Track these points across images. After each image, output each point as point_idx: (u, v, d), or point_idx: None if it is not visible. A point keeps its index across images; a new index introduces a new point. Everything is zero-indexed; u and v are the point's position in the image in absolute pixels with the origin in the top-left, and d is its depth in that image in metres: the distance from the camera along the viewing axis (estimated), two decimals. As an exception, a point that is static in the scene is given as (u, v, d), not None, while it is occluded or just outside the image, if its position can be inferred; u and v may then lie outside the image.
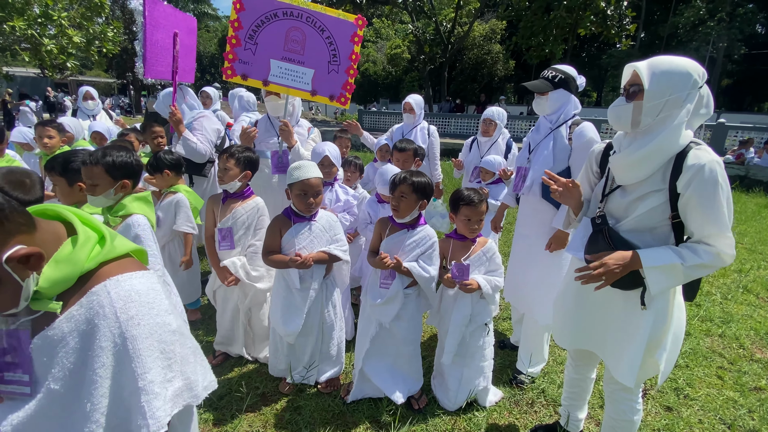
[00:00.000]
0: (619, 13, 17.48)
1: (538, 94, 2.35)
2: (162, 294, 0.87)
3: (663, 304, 1.54)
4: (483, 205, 2.12)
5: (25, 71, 20.18)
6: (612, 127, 1.65)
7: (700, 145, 1.46)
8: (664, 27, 27.71)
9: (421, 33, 21.45)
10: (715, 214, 1.43)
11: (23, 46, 11.44)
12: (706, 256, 1.44)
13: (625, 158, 1.54)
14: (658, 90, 1.42)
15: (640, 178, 1.54)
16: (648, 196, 1.52)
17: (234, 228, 2.37)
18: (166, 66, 3.15)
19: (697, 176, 1.40)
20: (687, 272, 1.45)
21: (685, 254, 1.44)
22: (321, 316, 2.30)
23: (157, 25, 2.96)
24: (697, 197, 1.42)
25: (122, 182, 1.81)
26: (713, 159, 1.41)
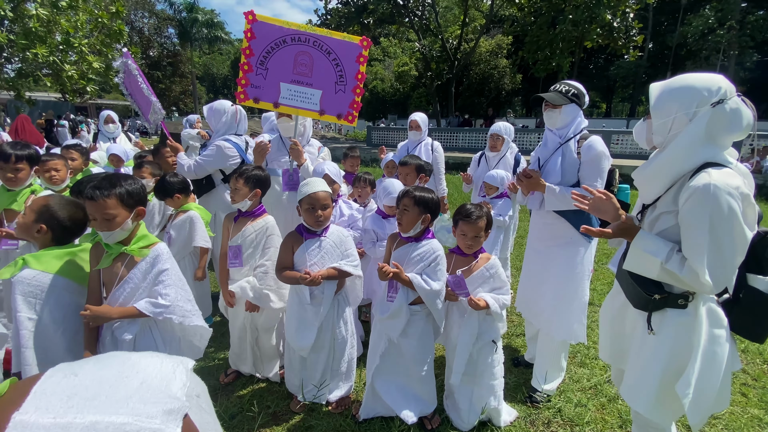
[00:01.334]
0: (625, 24, 17.52)
1: (550, 108, 2.36)
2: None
3: (684, 332, 1.45)
4: (481, 221, 2.09)
5: (47, 96, 20.98)
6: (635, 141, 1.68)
7: (720, 168, 1.35)
8: (672, 37, 27.65)
9: (428, 50, 21.81)
10: (693, 239, 1.35)
11: (45, 72, 11.94)
12: (686, 272, 1.38)
13: (639, 174, 1.57)
14: (662, 108, 1.43)
15: (652, 194, 1.53)
16: (662, 216, 1.50)
17: (243, 246, 2.40)
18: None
19: (692, 196, 1.34)
20: (661, 272, 1.42)
21: (673, 258, 1.40)
22: (332, 332, 2.29)
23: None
24: (685, 216, 1.37)
25: (137, 210, 1.71)
26: (716, 182, 1.30)
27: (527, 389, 2.56)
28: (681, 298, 1.47)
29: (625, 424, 2.29)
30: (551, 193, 2.31)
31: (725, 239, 1.32)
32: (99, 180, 1.63)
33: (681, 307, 1.47)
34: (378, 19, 19.78)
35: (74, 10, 11.21)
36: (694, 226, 1.35)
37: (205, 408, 0.66)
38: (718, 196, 1.29)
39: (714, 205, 1.30)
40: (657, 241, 1.45)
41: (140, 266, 1.73)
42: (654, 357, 1.49)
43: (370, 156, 14.97)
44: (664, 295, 1.48)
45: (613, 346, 1.79)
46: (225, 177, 3.29)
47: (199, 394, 0.66)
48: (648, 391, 1.49)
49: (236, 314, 2.53)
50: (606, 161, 2.28)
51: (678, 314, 1.48)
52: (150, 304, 1.72)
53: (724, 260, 1.34)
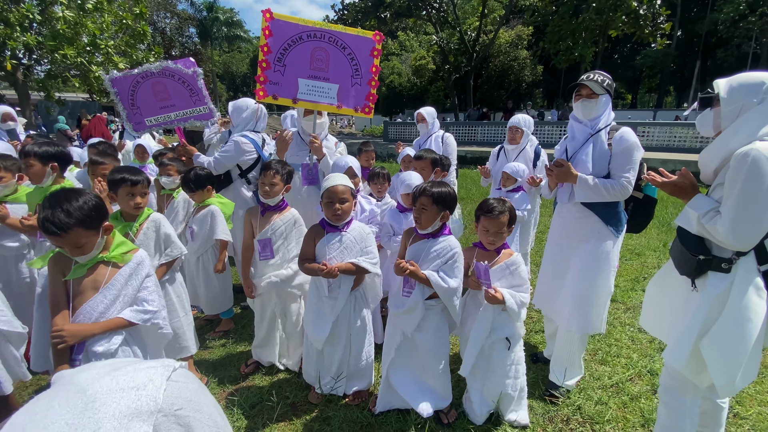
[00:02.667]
0: (652, 12, 16.83)
1: (586, 97, 2.31)
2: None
3: (722, 294, 1.57)
4: (503, 216, 2.05)
5: (75, 96, 21.76)
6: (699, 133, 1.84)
7: (764, 141, 1.51)
8: (702, 24, 26.45)
9: (446, 43, 21.55)
10: (729, 195, 1.52)
11: (73, 73, 12.40)
12: (711, 224, 1.57)
13: (702, 155, 1.74)
14: (733, 96, 1.60)
15: (710, 169, 1.69)
16: (716, 189, 1.66)
17: (273, 238, 2.47)
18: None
19: (735, 159, 1.51)
20: (698, 225, 1.64)
21: (708, 215, 1.60)
22: (348, 327, 2.32)
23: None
24: (727, 175, 1.54)
25: (105, 226, 1.62)
26: (759, 148, 1.46)
27: (545, 385, 2.52)
28: (724, 262, 1.59)
29: (647, 423, 2.23)
30: (583, 183, 2.26)
31: (753, 198, 1.47)
32: (52, 211, 1.46)
33: (724, 270, 1.59)
34: (395, 13, 19.65)
35: (100, 12, 11.57)
36: (730, 183, 1.53)
37: (190, 415, 0.63)
38: (757, 159, 1.45)
39: (750, 167, 1.46)
40: (704, 201, 1.66)
41: (123, 272, 1.68)
42: (694, 315, 1.62)
43: (387, 151, 14.96)
44: (709, 258, 1.61)
45: (657, 315, 1.96)
46: (242, 172, 3.36)
47: (182, 406, 0.62)
48: (685, 346, 1.61)
49: (266, 305, 2.60)
50: (638, 152, 2.23)
51: (719, 277, 1.60)
52: (136, 312, 1.70)
53: (749, 217, 1.49)
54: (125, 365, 0.62)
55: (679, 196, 1.75)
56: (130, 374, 0.59)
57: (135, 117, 3.38)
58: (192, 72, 3.25)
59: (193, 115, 3.42)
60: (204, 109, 3.38)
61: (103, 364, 0.63)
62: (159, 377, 0.61)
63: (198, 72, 3.27)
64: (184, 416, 0.62)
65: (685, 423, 1.74)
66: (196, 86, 3.31)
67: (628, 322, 3.32)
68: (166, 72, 3.27)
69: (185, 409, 0.62)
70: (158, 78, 3.29)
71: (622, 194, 2.22)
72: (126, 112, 3.35)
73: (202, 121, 3.46)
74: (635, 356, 2.85)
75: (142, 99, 3.34)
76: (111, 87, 3.27)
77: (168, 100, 3.37)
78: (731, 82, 1.63)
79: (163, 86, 3.32)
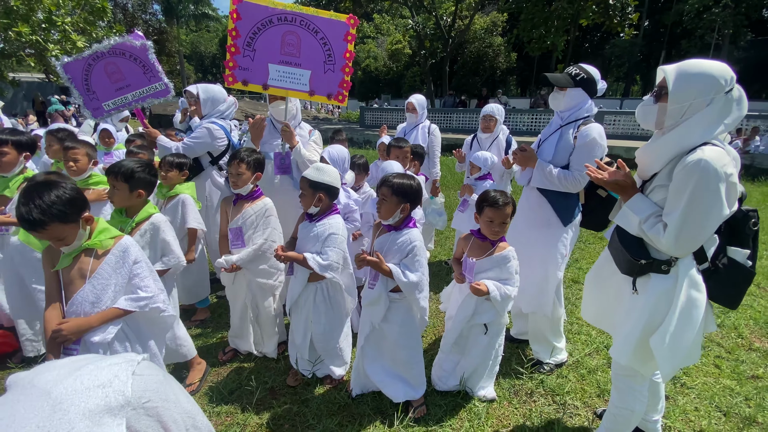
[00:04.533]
0: (621, 2, 17.27)
1: (556, 89, 2.38)
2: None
3: (664, 294, 1.60)
4: (507, 207, 2.12)
5: (30, 77, 20.38)
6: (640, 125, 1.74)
7: (711, 146, 1.47)
8: (668, 15, 27.32)
9: (422, 28, 21.38)
10: (675, 206, 1.50)
11: (28, 51, 11.58)
12: (653, 232, 1.57)
13: (642, 152, 1.69)
14: (681, 93, 1.50)
15: (652, 171, 1.66)
16: (656, 189, 1.64)
17: (243, 228, 2.47)
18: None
19: (683, 168, 1.47)
20: (638, 230, 1.63)
21: (649, 220, 1.60)
22: (307, 316, 2.38)
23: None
24: (673, 184, 1.52)
25: (84, 217, 1.60)
26: (708, 158, 1.41)
27: (531, 364, 2.63)
28: (664, 264, 1.61)
29: (602, 393, 2.43)
30: (540, 169, 2.37)
31: (700, 210, 1.45)
32: (28, 207, 1.43)
33: (663, 272, 1.61)
34: (370, -5, 19.26)
35: (56, -14, 10.80)
36: (677, 193, 1.49)
37: (159, 405, 0.66)
38: (707, 170, 1.42)
39: (700, 178, 1.43)
40: (645, 203, 1.63)
41: (108, 260, 1.65)
42: (637, 315, 1.65)
43: (363, 137, 14.87)
44: (650, 261, 1.62)
45: (597, 308, 2.00)
46: (213, 159, 3.32)
47: (149, 398, 0.65)
48: (629, 342, 1.66)
49: (237, 294, 2.62)
50: (599, 150, 2.28)
51: (660, 279, 1.62)
52: (131, 300, 1.68)
53: (693, 228, 1.48)
54: (86, 363, 0.63)
55: (618, 192, 1.74)
56: (93, 373, 0.61)
57: (92, 103, 3.23)
58: (140, 45, 3.09)
59: (150, 94, 3.27)
60: (160, 86, 3.24)
61: (62, 363, 0.63)
62: (124, 372, 0.63)
63: (147, 45, 3.11)
64: (152, 407, 0.65)
65: (635, 404, 1.83)
66: (148, 61, 3.16)
67: (590, 302, 3.54)
68: (116, 50, 3.10)
69: (153, 400, 0.66)
70: (109, 58, 3.12)
71: (574, 187, 2.33)
72: (83, 98, 3.19)
73: (160, 98, 3.31)
74: (594, 333, 3.06)
75: (96, 83, 3.18)
76: (64, 73, 3.11)
77: (122, 80, 3.21)
78: (679, 73, 1.51)
79: (116, 66, 3.17)
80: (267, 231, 2.52)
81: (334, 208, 2.33)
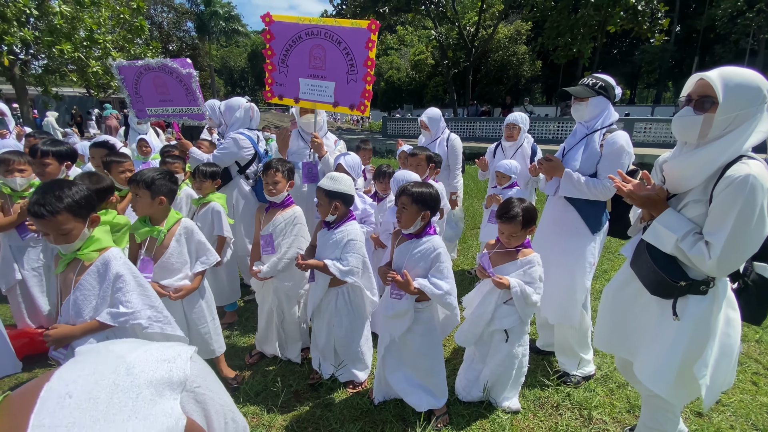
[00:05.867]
0: (650, 7, 16.85)
1: (577, 100, 2.38)
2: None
3: (704, 316, 1.52)
4: (517, 219, 2.09)
5: (72, 91, 21.66)
6: (675, 136, 1.64)
7: (752, 159, 1.42)
8: (700, 20, 26.44)
9: (444, 38, 21.51)
10: (722, 224, 1.41)
11: (70, 67, 12.37)
12: (695, 252, 1.47)
13: (677, 166, 1.58)
14: (732, 104, 1.42)
15: (688, 186, 1.56)
16: (690, 204, 1.55)
17: (274, 234, 2.56)
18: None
19: (730, 185, 1.39)
20: (675, 248, 1.53)
21: (688, 238, 1.50)
22: (329, 320, 2.44)
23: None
24: (718, 201, 1.43)
25: (91, 217, 1.63)
26: (755, 174, 1.36)
27: (557, 376, 2.60)
28: (703, 285, 1.53)
29: (633, 408, 2.35)
30: (568, 178, 2.35)
31: (748, 228, 1.38)
32: (42, 195, 1.49)
33: (702, 293, 1.53)
34: (393, 8, 19.57)
35: (97, 7, 11.53)
36: (724, 211, 1.41)
37: (206, 393, 0.71)
38: (755, 187, 1.36)
39: (749, 196, 1.36)
40: (679, 220, 1.54)
41: (91, 271, 1.63)
42: (676, 341, 1.55)
43: (385, 147, 14.99)
44: (689, 282, 1.53)
45: (614, 334, 1.86)
46: (240, 168, 3.46)
47: (199, 384, 0.69)
48: (669, 373, 1.55)
49: (264, 300, 2.71)
50: (627, 157, 2.27)
51: (699, 300, 1.54)
52: (111, 314, 1.65)
53: (739, 246, 1.41)
54: (152, 342, 0.69)
55: (648, 209, 1.65)
56: (160, 349, 0.67)
57: (138, 104, 3.58)
58: (187, 73, 3.37)
59: (187, 114, 3.57)
60: (197, 110, 3.53)
61: (131, 340, 0.69)
62: (185, 354, 0.68)
63: (193, 74, 3.39)
64: (201, 394, 0.70)
65: (667, 425, 1.76)
66: (190, 87, 3.44)
67: (619, 315, 3.44)
68: (165, 68, 3.40)
69: (202, 387, 0.70)
70: (158, 72, 3.42)
71: (603, 194, 2.30)
72: (130, 98, 3.54)
73: (194, 120, 3.61)
74: (624, 347, 2.97)
75: (144, 89, 3.51)
76: (118, 74, 3.46)
77: (167, 94, 3.51)
78: (726, 82, 1.42)
79: (163, 81, 3.47)
80: (292, 239, 2.57)
81: (350, 214, 2.39)
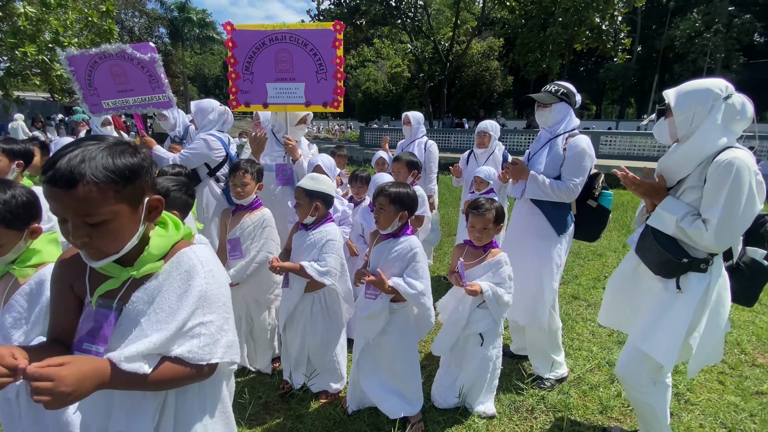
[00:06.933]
0: (614, 27, 17.83)
1: (541, 106, 2.47)
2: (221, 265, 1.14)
3: (703, 293, 1.70)
4: (489, 213, 2.14)
5: (35, 95, 20.72)
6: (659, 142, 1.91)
7: (738, 148, 1.62)
8: (660, 40, 28.15)
9: (420, 52, 21.93)
10: (715, 201, 1.60)
11: (34, 71, 11.83)
12: (693, 228, 1.65)
13: (666, 160, 1.83)
14: (681, 105, 1.70)
15: (679, 176, 1.78)
16: (686, 192, 1.75)
17: (241, 238, 2.46)
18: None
19: (718, 168, 1.60)
20: (676, 229, 1.71)
21: (687, 219, 1.68)
22: (304, 327, 2.34)
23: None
24: (709, 182, 1.63)
25: (30, 228, 1.35)
26: (740, 158, 1.57)
27: (531, 379, 2.60)
28: (702, 263, 1.70)
29: (605, 410, 2.37)
30: (534, 180, 2.41)
31: (738, 203, 1.57)
32: None
33: (702, 270, 1.71)
34: (370, 21, 19.86)
35: (64, 9, 11.12)
36: (715, 190, 1.61)
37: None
38: (741, 168, 1.56)
39: (736, 173, 1.56)
40: (678, 204, 1.74)
41: (23, 290, 1.35)
42: (681, 315, 1.72)
43: (362, 156, 15.03)
44: (691, 259, 1.71)
45: (620, 312, 2.08)
46: (210, 170, 3.33)
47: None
48: (674, 344, 1.70)
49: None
50: (588, 160, 2.36)
51: (700, 277, 1.72)
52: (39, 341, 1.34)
53: (732, 221, 1.59)
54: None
55: (651, 197, 1.84)
56: None
57: (92, 98, 3.24)
58: (150, 57, 3.12)
59: (151, 102, 3.28)
60: (163, 97, 3.25)
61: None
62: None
63: (156, 57, 3.13)
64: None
65: (666, 396, 1.93)
66: (155, 72, 3.19)
67: (590, 318, 3.50)
68: (124, 55, 3.12)
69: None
70: (116, 60, 3.14)
71: (567, 196, 2.37)
72: (83, 92, 3.20)
73: (161, 109, 3.34)
74: (595, 349, 3.01)
75: (99, 80, 3.20)
76: (67, 65, 3.12)
77: (126, 83, 3.22)
78: (678, 92, 1.73)
79: (122, 69, 3.17)
80: (261, 242, 2.49)
81: (329, 216, 2.33)
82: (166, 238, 1.04)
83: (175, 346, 0.97)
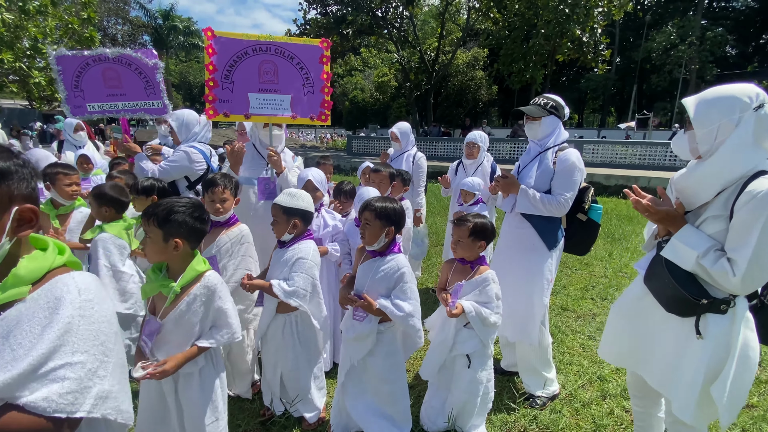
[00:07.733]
0: (594, 39, 18.33)
1: (530, 119, 2.43)
2: (108, 298, 0.96)
3: (723, 335, 1.48)
4: (464, 225, 2.08)
5: (13, 103, 20.17)
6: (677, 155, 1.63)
7: None
8: (638, 52, 29.04)
9: (407, 62, 22.14)
10: (745, 240, 1.38)
11: (11, 78, 11.47)
12: (717, 268, 1.42)
13: (686, 181, 1.59)
14: (703, 117, 1.45)
15: (700, 200, 1.54)
16: (708, 221, 1.51)
17: (218, 256, 2.32)
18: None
19: (753, 199, 1.36)
20: (695, 265, 1.47)
21: (709, 255, 1.44)
22: (276, 350, 2.22)
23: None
24: (740, 215, 1.40)
25: (20, 210, 1.14)
26: None
27: (523, 397, 2.54)
28: (723, 304, 1.48)
29: (598, 428, 2.31)
30: (524, 194, 2.36)
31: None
32: None
33: (722, 312, 1.49)
34: (357, 30, 19.98)
35: (43, 16, 10.85)
36: (747, 226, 1.37)
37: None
38: None
39: None
40: (698, 236, 1.50)
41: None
42: (695, 362, 1.50)
43: (350, 165, 14.96)
44: (711, 300, 1.48)
45: (624, 347, 1.81)
46: (190, 184, 3.21)
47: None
48: (693, 395, 1.49)
49: None
50: (578, 174, 2.32)
51: (719, 319, 1.49)
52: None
53: (765, 262, 1.37)
54: None
55: (665, 224, 1.61)
56: None
57: (76, 100, 3.14)
58: (153, 64, 3.07)
59: (143, 108, 3.22)
60: (158, 104, 3.20)
61: None
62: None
63: (159, 65, 3.10)
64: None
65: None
66: (153, 79, 3.13)
67: (579, 330, 3.46)
68: (123, 60, 3.06)
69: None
70: (112, 64, 3.08)
71: (558, 210, 2.33)
72: (66, 94, 3.10)
73: (153, 115, 3.26)
74: (586, 363, 2.96)
75: (88, 82, 3.11)
76: (55, 65, 3.05)
77: (118, 88, 3.15)
78: (699, 100, 1.49)
79: (116, 73, 3.12)
80: (239, 259, 2.35)
81: (307, 233, 2.23)
82: (40, 260, 0.88)
83: (26, 390, 0.76)
